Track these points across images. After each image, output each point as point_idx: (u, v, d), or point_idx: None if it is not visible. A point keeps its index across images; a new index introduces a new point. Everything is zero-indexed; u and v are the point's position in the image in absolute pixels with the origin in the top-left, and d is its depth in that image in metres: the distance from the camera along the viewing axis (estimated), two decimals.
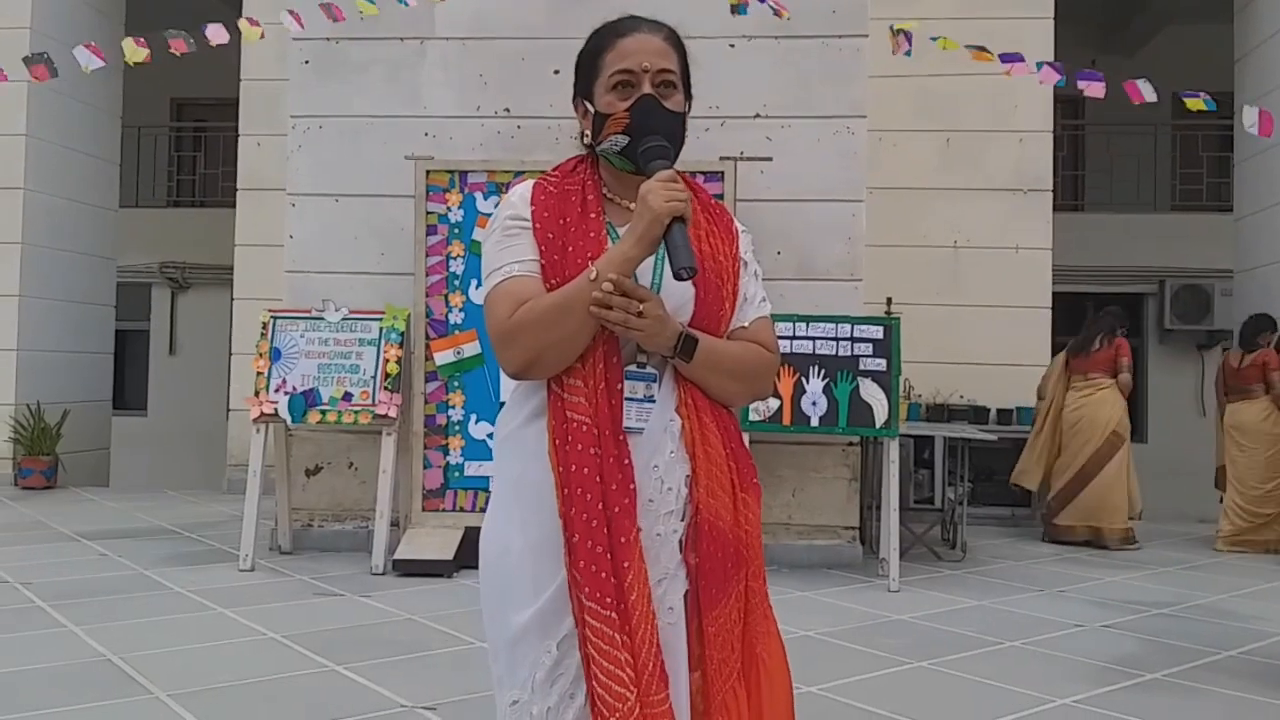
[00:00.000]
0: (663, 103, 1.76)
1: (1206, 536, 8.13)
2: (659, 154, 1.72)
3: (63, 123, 10.21)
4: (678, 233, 1.64)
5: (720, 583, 1.70)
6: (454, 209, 6.30)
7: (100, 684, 3.79)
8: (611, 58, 1.77)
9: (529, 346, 1.68)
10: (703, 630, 1.68)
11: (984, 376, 8.79)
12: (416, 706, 3.58)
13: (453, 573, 5.77)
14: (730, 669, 1.69)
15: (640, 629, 1.62)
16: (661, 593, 1.68)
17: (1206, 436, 13.35)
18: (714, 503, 1.71)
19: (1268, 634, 4.90)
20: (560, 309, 1.66)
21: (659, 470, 1.70)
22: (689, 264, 1.63)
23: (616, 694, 1.60)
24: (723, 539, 1.71)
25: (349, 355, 6.16)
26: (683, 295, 1.74)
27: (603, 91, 1.78)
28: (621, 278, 1.63)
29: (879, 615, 5.12)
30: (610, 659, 1.62)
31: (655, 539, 1.69)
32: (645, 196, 1.65)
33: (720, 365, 1.75)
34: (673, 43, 1.81)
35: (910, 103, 9.12)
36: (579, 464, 1.66)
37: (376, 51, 6.70)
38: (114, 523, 7.57)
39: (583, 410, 1.68)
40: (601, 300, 1.62)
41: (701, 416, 1.74)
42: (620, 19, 1.83)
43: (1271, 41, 9.37)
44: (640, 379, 1.71)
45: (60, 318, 10.26)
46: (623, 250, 1.66)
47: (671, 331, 1.69)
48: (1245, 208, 9.86)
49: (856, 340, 5.89)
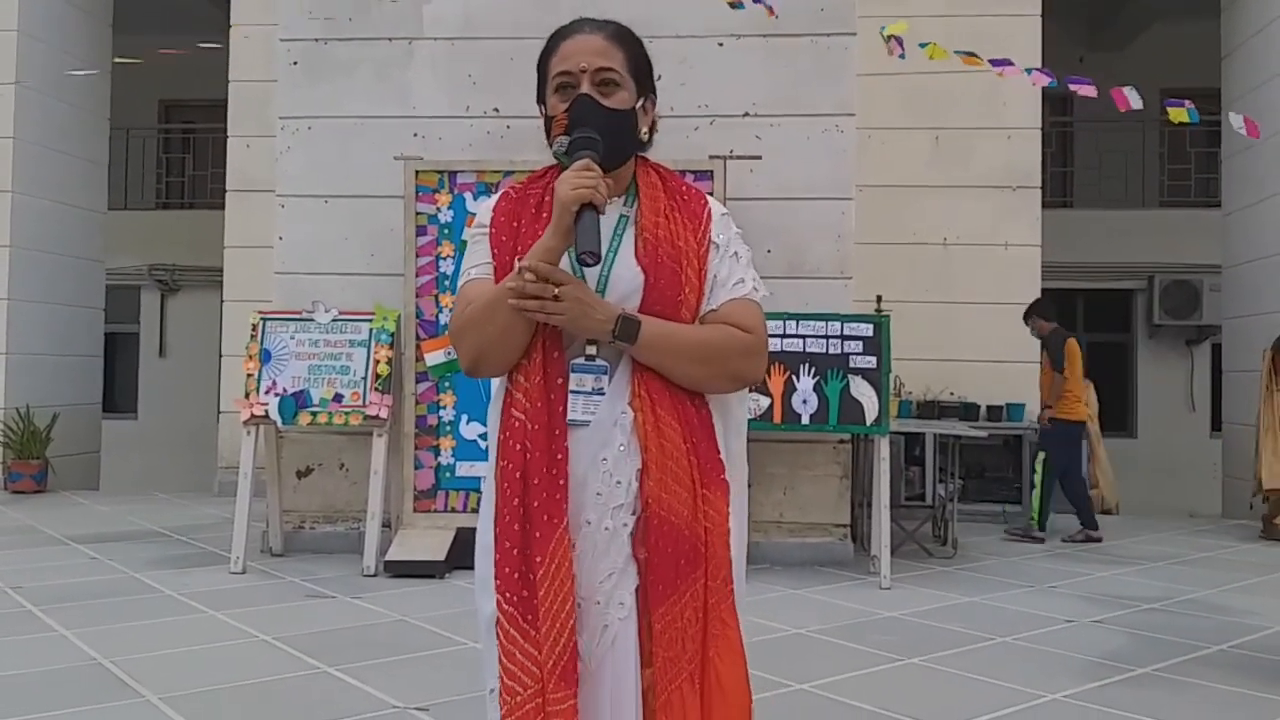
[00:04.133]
0: (601, 101, 1.76)
1: (1195, 530, 8.18)
2: (583, 145, 1.73)
3: (50, 125, 10.17)
4: (586, 219, 1.65)
5: (670, 579, 1.68)
6: (443, 209, 6.30)
7: (92, 688, 3.78)
8: (555, 61, 1.80)
9: (472, 344, 1.74)
10: (651, 626, 1.68)
11: (974, 373, 8.82)
12: (409, 707, 3.58)
13: (445, 573, 5.76)
14: (679, 668, 1.68)
15: (546, 624, 1.63)
16: (610, 587, 1.68)
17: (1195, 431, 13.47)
18: (667, 497, 1.69)
19: (1257, 628, 4.92)
20: (490, 306, 1.70)
21: (607, 464, 1.70)
22: (591, 249, 1.64)
23: (512, 688, 1.64)
24: (675, 534, 1.68)
25: (339, 356, 6.15)
26: (631, 284, 1.74)
27: (550, 94, 1.81)
28: (538, 264, 1.65)
29: (870, 612, 5.13)
30: (508, 653, 1.66)
31: (604, 533, 1.69)
32: (556, 187, 1.69)
33: (677, 348, 1.72)
34: (618, 39, 1.81)
35: (899, 100, 9.14)
36: (507, 460, 1.70)
37: (365, 52, 6.69)
38: (104, 526, 7.55)
39: (520, 406, 1.71)
40: (517, 289, 1.65)
41: (657, 409, 1.71)
42: (570, 22, 1.84)
43: (1258, 38, 9.41)
44: (588, 371, 1.72)
45: (49, 321, 10.22)
46: (544, 242, 1.69)
47: (605, 315, 1.68)
48: (1233, 203, 9.91)
49: (847, 338, 5.90)
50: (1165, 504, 11.50)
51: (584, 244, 1.65)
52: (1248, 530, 8.12)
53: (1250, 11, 9.55)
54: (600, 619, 1.68)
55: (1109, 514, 9.71)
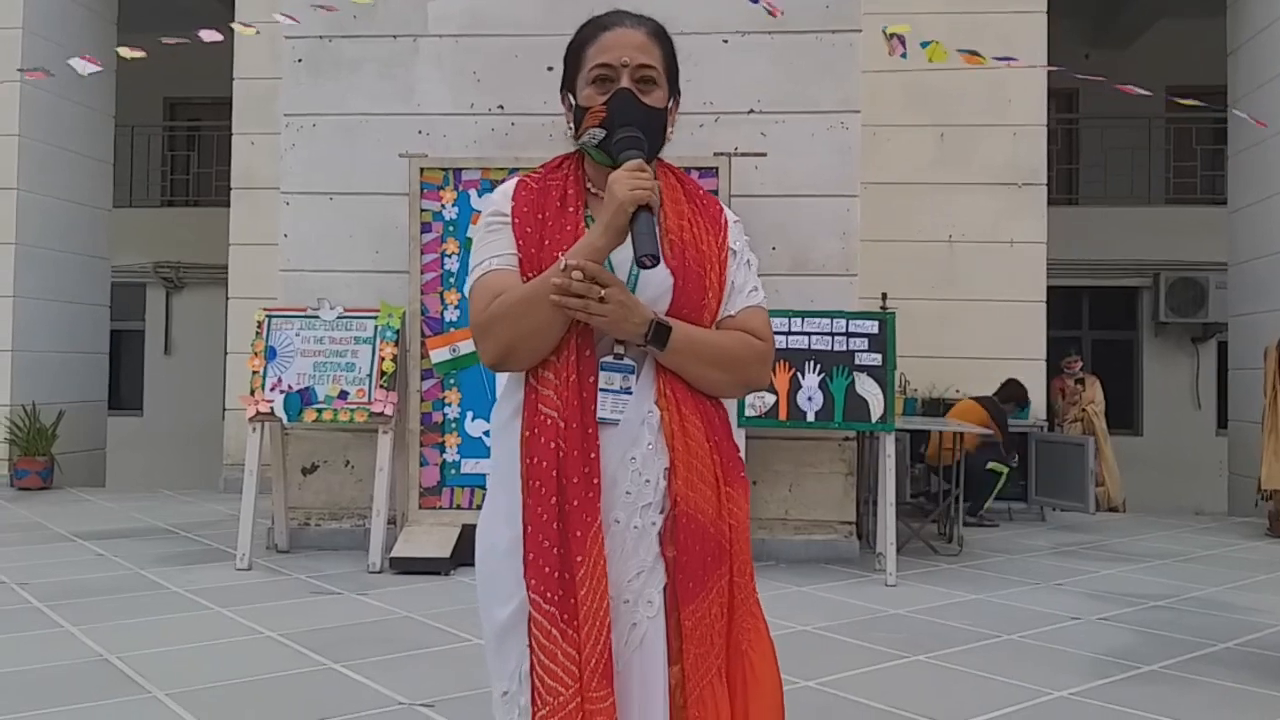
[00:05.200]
0: (641, 97, 1.76)
1: (1201, 528, 8.17)
2: (631, 144, 1.73)
3: (56, 122, 10.19)
4: (643, 221, 1.64)
5: (699, 576, 1.68)
6: (448, 206, 6.30)
7: (98, 684, 3.78)
8: (593, 51, 1.78)
9: (502, 339, 1.70)
10: (681, 624, 1.67)
11: (979, 370, 8.80)
12: (415, 704, 3.58)
13: (450, 570, 5.77)
14: (709, 664, 1.68)
15: (588, 624, 1.62)
16: (640, 586, 1.68)
17: (1201, 429, 13.45)
18: (694, 495, 1.69)
19: (1263, 625, 4.91)
20: (529, 300, 1.67)
21: (636, 462, 1.70)
22: (652, 251, 1.63)
23: (554, 689, 1.62)
24: (702, 532, 1.69)
25: (345, 353, 6.16)
26: (661, 285, 1.73)
27: (583, 85, 1.79)
28: (586, 263, 1.63)
29: (876, 610, 5.13)
30: (548, 653, 1.63)
31: (633, 531, 1.69)
32: (611, 185, 1.66)
33: (700, 354, 1.73)
34: (656, 38, 1.81)
35: (904, 97, 9.13)
36: (539, 457, 1.67)
37: (369, 49, 6.69)
38: (110, 523, 7.56)
39: (550, 403, 1.69)
40: (562, 287, 1.62)
41: (682, 408, 1.72)
42: (606, 13, 1.83)
43: (1264, 35, 9.38)
44: (617, 370, 1.71)
45: (54, 318, 10.24)
46: (590, 240, 1.67)
47: (640, 319, 1.68)
48: (1239, 200, 9.88)
49: (852, 335, 5.89)
50: (1171, 501, 11.49)
51: (644, 247, 1.63)
52: (1254, 528, 8.11)
53: (1256, 8, 9.52)
54: (629, 618, 1.67)
55: (1115, 511, 9.71)
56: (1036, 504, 8.43)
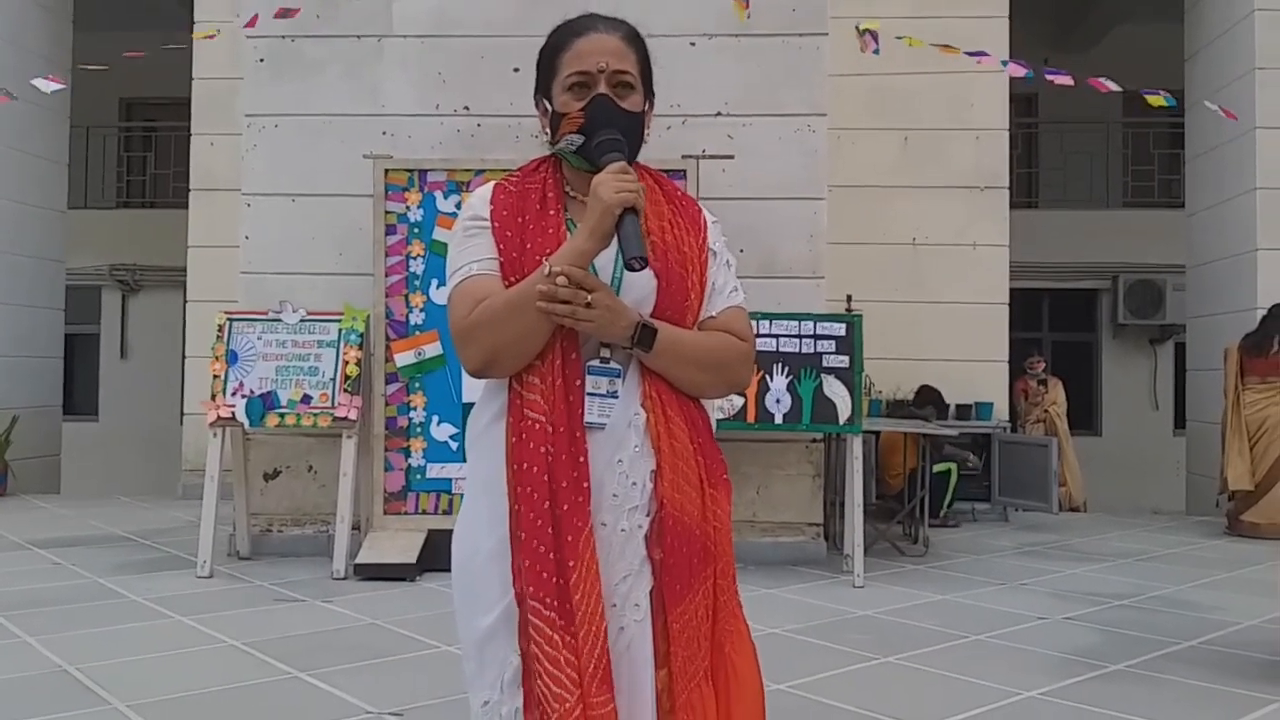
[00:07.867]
0: (618, 103, 1.75)
1: (1161, 527, 8.27)
2: (612, 147, 1.72)
3: (8, 123, 9.96)
4: (629, 223, 1.63)
5: (685, 578, 1.68)
6: (413, 208, 6.24)
7: (57, 695, 3.70)
8: (568, 57, 1.77)
9: (486, 345, 1.69)
10: (668, 627, 1.67)
11: (943, 372, 8.86)
12: (382, 712, 3.53)
13: (416, 576, 5.71)
14: (696, 667, 1.68)
15: (584, 628, 1.61)
16: (626, 589, 1.67)
17: (1159, 429, 13.64)
18: (679, 497, 1.70)
19: (1226, 624, 4.97)
20: (514, 306, 1.66)
21: (623, 465, 1.69)
22: (639, 254, 1.62)
23: (556, 694, 1.60)
24: (688, 534, 1.69)
25: (307, 357, 6.07)
26: (645, 288, 1.73)
27: (559, 91, 1.77)
28: (571, 268, 1.62)
29: (844, 611, 5.14)
30: (550, 658, 1.62)
31: (620, 535, 1.68)
32: (596, 189, 1.65)
33: (685, 355, 1.73)
34: (631, 42, 1.80)
35: (868, 101, 9.17)
36: (529, 462, 1.66)
37: (333, 49, 6.61)
38: (67, 530, 7.41)
39: (538, 408, 1.68)
40: (549, 293, 1.61)
41: (667, 410, 1.72)
42: (580, 17, 1.82)
43: (1221, 40, 9.53)
44: (603, 374, 1.70)
45: (8, 322, 10.03)
46: (576, 244, 1.66)
47: (627, 322, 1.67)
48: (1197, 203, 10.03)
49: (819, 337, 5.91)
50: (1129, 501, 11.64)
51: (631, 249, 1.62)
52: (1212, 526, 8.23)
53: (1214, 14, 9.67)
54: (616, 621, 1.66)
55: (1077, 511, 9.82)
56: (1000, 504, 8.50)
